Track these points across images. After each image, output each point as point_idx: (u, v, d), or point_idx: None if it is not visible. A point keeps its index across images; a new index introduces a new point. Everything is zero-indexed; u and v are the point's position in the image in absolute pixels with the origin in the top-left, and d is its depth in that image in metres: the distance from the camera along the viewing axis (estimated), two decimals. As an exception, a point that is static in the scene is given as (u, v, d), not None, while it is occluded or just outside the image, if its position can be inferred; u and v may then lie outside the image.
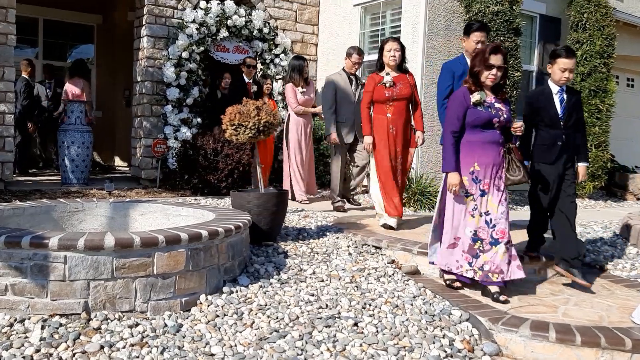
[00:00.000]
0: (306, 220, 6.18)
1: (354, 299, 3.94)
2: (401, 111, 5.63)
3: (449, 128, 4.15)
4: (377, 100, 5.63)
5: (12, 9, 7.74)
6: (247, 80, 8.30)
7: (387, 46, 5.63)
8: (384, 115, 5.61)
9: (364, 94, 5.76)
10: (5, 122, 7.77)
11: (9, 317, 3.25)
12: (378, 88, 5.61)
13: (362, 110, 5.73)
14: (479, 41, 5.06)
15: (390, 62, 5.60)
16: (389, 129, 5.56)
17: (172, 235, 3.58)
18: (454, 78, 5.13)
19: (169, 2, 8.80)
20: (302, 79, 7.58)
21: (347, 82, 6.95)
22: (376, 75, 5.69)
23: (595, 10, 9.73)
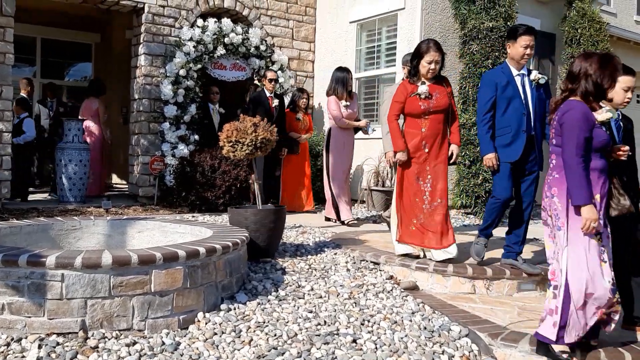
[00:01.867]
0: (304, 236, 6.17)
1: (352, 315, 3.93)
2: (437, 126, 4.93)
3: (578, 151, 3.22)
4: (410, 114, 4.97)
5: (10, 28, 7.78)
6: (268, 94, 8.03)
7: (428, 57, 4.86)
8: (417, 129, 4.94)
9: (393, 104, 5.03)
10: (3, 140, 7.77)
11: (6, 336, 3.23)
12: (411, 99, 4.93)
13: (391, 122, 5.00)
14: (528, 45, 4.60)
15: (429, 75, 4.92)
16: (421, 146, 4.92)
17: (169, 252, 3.57)
18: (497, 89, 4.67)
19: (166, 21, 8.86)
20: (345, 92, 7.21)
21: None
22: (408, 84, 5.00)
23: (589, 25, 9.83)
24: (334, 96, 7.20)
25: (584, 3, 10.03)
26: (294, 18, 10.19)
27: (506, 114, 4.66)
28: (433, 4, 8.54)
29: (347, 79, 7.18)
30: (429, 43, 4.89)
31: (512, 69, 4.72)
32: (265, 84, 8.12)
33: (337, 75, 7.26)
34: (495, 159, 4.65)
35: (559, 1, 10.10)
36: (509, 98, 4.65)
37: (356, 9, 9.59)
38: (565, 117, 3.32)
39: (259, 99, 8.01)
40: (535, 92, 4.70)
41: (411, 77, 5.00)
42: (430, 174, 4.93)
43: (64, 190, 8.28)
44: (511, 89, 4.65)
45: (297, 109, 8.28)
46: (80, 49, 12.39)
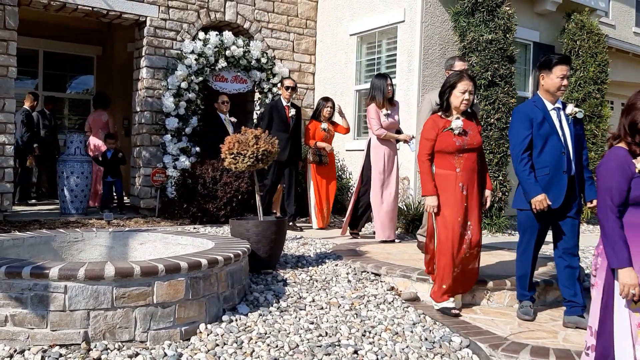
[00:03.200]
0: (305, 247, 6.19)
1: (353, 326, 3.94)
2: (473, 164, 4.43)
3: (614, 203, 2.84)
4: (443, 151, 4.38)
5: (13, 41, 7.85)
6: (285, 103, 7.80)
7: (461, 85, 4.36)
8: (451, 170, 4.38)
9: (423, 142, 4.47)
10: (5, 153, 7.82)
11: (9, 348, 3.24)
12: (444, 135, 4.37)
13: (422, 162, 4.44)
14: (565, 76, 4.16)
15: (462, 107, 4.40)
16: (458, 189, 4.35)
17: (171, 264, 3.59)
18: (532, 126, 4.17)
19: (168, 34, 8.93)
20: (385, 100, 6.69)
21: None
22: (439, 119, 4.45)
23: (587, 37, 9.90)
24: (373, 104, 6.70)
25: (583, 15, 10.11)
26: (295, 31, 10.26)
27: (543, 154, 4.16)
28: (432, 16, 8.62)
29: (385, 86, 6.67)
30: (462, 73, 4.47)
31: (547, 103, 4.24)
32: (282, 91, 7.89)
33: (374, 82, 6.80)
34: (547, 200, 4.06)
35: (558, 13, 10.18)
36: (546, 135, 4.16)
37: (356, 21, 9.67)
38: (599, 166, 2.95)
39: (275, 107, 7.75)
40: (572, 128, 4.24)
41: (442, 111, 4.49)
42: (470, 219, 4.40)
43: (65, 202, 8.31)
44: (548, 125, 4.16)
45: (322, 118, 7.95)
46: (82, 61, 12.47)
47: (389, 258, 5.58)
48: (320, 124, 7.91)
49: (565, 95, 10.06)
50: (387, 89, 6.67)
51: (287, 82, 7.86)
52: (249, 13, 9.72)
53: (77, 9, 8.40)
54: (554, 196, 4.13)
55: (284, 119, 7.66)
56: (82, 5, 8.31)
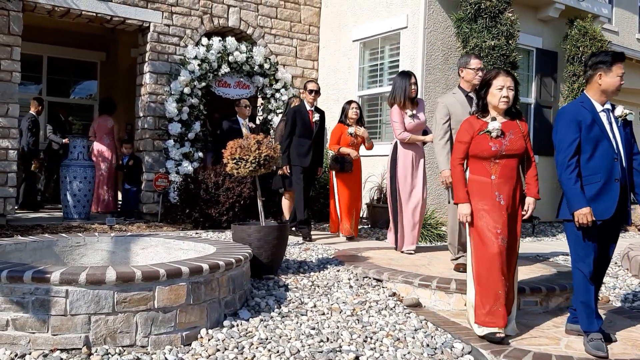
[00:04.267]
0: (307, 253, 6.18)
1: (355, 332, 3.93)
2: (511, 172, 3.95)
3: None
4: (476, 156, 3.96)
5: (17, 47, 7.90)
6: (308, 107, 7.33)
7: (498, 81, 3.95)
8: (486, 176, 3.95)
9: (457, 145, 4.08)
10: (9, 157, 7.84)
11: (10, 352, 3.24)
12: (480, 138, 3.94)
13: (454, 167, 4.05)
14: (623, 74, 3.87)
15: (501, 104, 3.95)
16: (494, 197, 3.92)
17: (173, 268, 3.59)
18: (581, 129, 3.78)
19: (171, 39, 8.96)
20: (407, 100, 6.17)
21: (465, 104, 5.30)
22: (475, 120, 4.03)
23: (590, 43, 9.90)
24: (396, 106, 6.20)
25: (586, 21, 10.12)
26: (298, 37, 10.29)
27: (593, 160, 3.78)
28: (435, 22, 8.63)
29: (408, 85, 6.13)
30: (498, 69, 4.10)
31: (595, 104, 3.87)
32: (305, 95, 7.42)
33: (396, 80, 6.27)
34: (591, 215, 3.69)
35: (561, 19, 10.18)
36: (596, 140, 3.78)
37: (359, 27, 9.69)
38: None
39: (298, 112, 7.31)
40: (622, 131, 3.88)
41: (479, 111, 4.06)
42: (509, 229, 3.93)
43: (68, 207, 8.33)
44: (598, 128, 3.79)
45: (349, 121, 7.40)
46: (86, 67, 12.53)
47: (391, 264, 5.56)
48: (347, 128, 7.37)
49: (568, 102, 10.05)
50: (411, 88, 6.13)
51: (310, 86, 7.39)
52: (252, 19, 9.75)
53: (81, 15, 8.44)
54: (605, 207, 3.74)
55: (307, 124, 7.26)
56: (86, 11, 8.34)
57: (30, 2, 7.96)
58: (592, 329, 3.80)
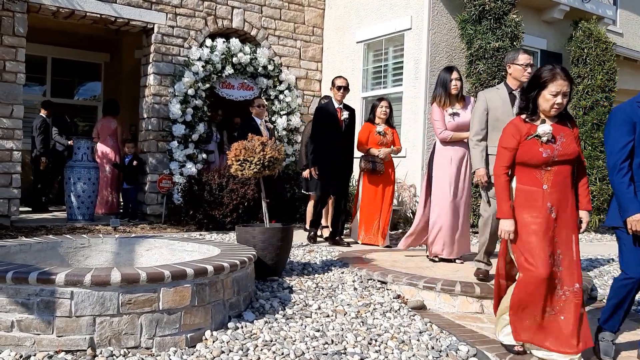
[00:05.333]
0: (311, 255, 6.18)
1: (359, 334, 3.92)
2: (564, 180, 3.53)
3: None
4: (525, 163, 3.53)
5: (22, 48, 7.92)
6: (337, 105, 7.01)
7: (554, 86, 3.46)
8: (537, 186, 3.52)
9: (502, 151, 3.62)
10: (13, 159, 7.86)
11: (15, 353, 3.24)
12: (528, 144, 3.52)
13: (498, 177, 3.61)
14: None
15: (553, 112, 3.52)
16: (545, 210, 3.48)
17: (178, 270, 3.58)
18: (635, 131, 3.50)
19: (175, 41, 8.97)
20: (448, 96, 5.73)
21: (506, 101, 4.91)
22: (521, 123, 3.60)
23: (595, 45, 9.89)
24: (435, 103, 5.83)
25: (590, 23, 10.10)
26: (302, 38, 10.29)
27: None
28: (439, 24, 8.62)
29: (448, 80, 5.72)
30: (555, 69, 3.51)
31: None
32: (334, 92, 7.03)
33: (440, 76, 5.89)
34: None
35: (565, 21, 10.17)
36: None
37: (363, 29, 9.69)
38: None
39: (325, 110, 6.97)
40: None
41: (527, 113, 3.60)
42: (560, 248, 3.50)
43: (72, 209, 8.34)
44: None
45: (378, 120, 7.08)
46: (90, 68, 12.55)
47: (396, 266, 5.55)
48: (375, 127, 7.06)
49: (573, 103, 10.03)
50: (452, 84, 5.72)
51: (338, 82, 6.99)
52: (256, 20, 9.76)
53: (86, 16, 8.46)
54: None
55: (336, 123, 6.90)
56: (90, 12, 8.36)
57: (34, 3, 7.97)
58: (606, 327, 3.68)
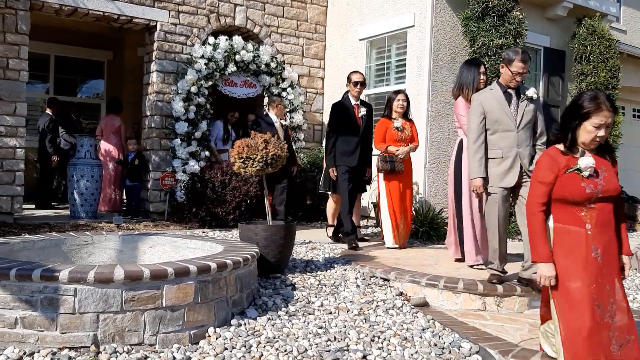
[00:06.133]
0: (314, 252, 6.18)
1: (362, 331, 3.92)
2: (609, 219, 3.17)
3: None
4: (566, 200, 3.13)
5: (25, 45, 7.92)
6: (353, 101, 6.78)
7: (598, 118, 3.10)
8: (579, 226, 3.12)
9: (537, 185, 3.21)
10: (16, 156, 7.87)
11: (19, 350, 3.25)
12: (567, 178, 3.13)
13: (533, 215, 3.19)
14: None
15: (592, 145, 3.17)
16: (589, 253, 3.09)
17: (181, 267, 3.59)
18: None
19: (178, 38, 8.97)
20: (474, 91, 5.44)
21: (502, 101, 4.70)
22: (559, 154, 3.19)
23: (598, 42, 9.86)
24: (461, 98, 5.60)
25: (594, 20, 10.07)
26: (304, 35, 10.28)
27: None
28: (442, 21, 8.61)
29: (476, 75, 5.53)
30: (599, 97, 3.12)
31: None
32: (350, 88, 6.74)
33: (463, 70, 5.67)
34: None
35: (568, 18, 10.14)
36: None
37: (366, 26, 9.67)
38: None
39: (342, 106, 6.72)
40: None
41: (567, 145, 3.19)
42: (612, 297, 3.10)
43: (75, 206, 8.35)
44: None
45: (394, 115, 6.69)
46: (93, 66, 12.56)
47: (398, 263, 5.56)
48: (392, 123, 6.66)
49: (576, 101, 10.00)
50: (479, 79, 5.55)
51: (355, 77, 6.73)
52: (259, 18, 9.75)
53: (89, 14, 8.46)
54: None
55: (353, 120, 6.67)
56: (93, 10, 8.36)
57: (37, 1, 7.98)
58: None
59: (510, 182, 4.65)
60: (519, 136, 4.64)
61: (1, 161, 7.77)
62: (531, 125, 4.75)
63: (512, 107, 4.68)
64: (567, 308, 3.09)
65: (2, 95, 7.73)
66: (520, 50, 4.66)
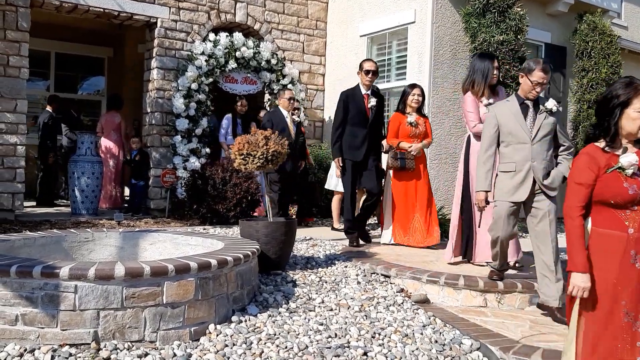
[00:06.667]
0: (314, 249, 6.18)
1: (363, 328, 3.92)
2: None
3: None
4: (607, 202, 2.82)
5: (26, 43, 7.92)
6: (364, 91, 6.41)
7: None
8: (621, 230, 2.81)
9: (576, 187, 2.87)
10: (17, 153, 7.87)
11: (19, 347, 3.25)
12: (608, 178, 2.84)
13: (571, 219, 2.85)
14: None
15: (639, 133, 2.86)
16: (628, 259, 2.80)
17: (181, 264, 3.59)
18: None
19: (178, 35, 8.96)
20: (486, 86, 5.32)
21: (518, 115, 4.41)
22: (599, 152, 2.90)
23: (600, 38, 9.84)
24: (469, 93, 5.38)
25: (595, 16, 10.05)
26: (305, 32, 10.27)
27: None
28: (443, 17, 8.59)
29: (490, 69, 5.31)
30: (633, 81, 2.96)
31: None
32: (361, 77, 6.40)
33: (476, 64, 5.42)
34: None
35: (570, 14, 10.11)
36: None
37: (366, 22, 9.66)
38: None
39: (351, 96, 6.38)
40: None
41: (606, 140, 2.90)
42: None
43: (76, 203, 8.35)
44: None
45: (408, 109, 6.41)
46: (94, 63, 12.55)
47: (399, 260, 5.55)
48: (405, 117, 6.37)
49: (577, 97, 9.99)
50: (492, 74, 5.33)
51: (367, 65, 6.38)
52: (259, 14, 9.74)
53: (89, 11, 8.45)
54: None
55: (362, 111, 6.32)
56: (93, 7, 8.35)
57: (38, -2, 7.97)
58: None
59: (521, 196, 4.36)
60: (534, 149, 4.36)
61: (2, 158, 7.77)
62: (549, 138, 4.43)
63: (529, 119, 4.43)
64: (595, 321, 2.79)
65: (2, 92, 7.73)
66: (541, 60, 4.49)
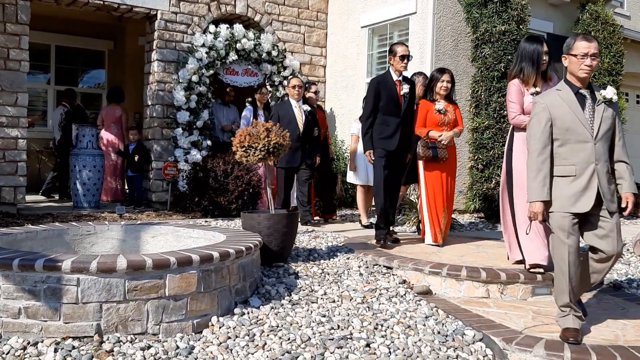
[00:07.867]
0: (317, 241, 6.17)
1: (365, 319, 3.92)
2: None
3: None
4: None
5: (26, 35, 7.89)
6: (395, 77, 5.91)
7: None
8: None
9: None
10: (18, 147, 7.86)
11: (22, 340, 3.26)
12: None
13: None
14: None
15: None
16: None
17: (183, 256, 3.59)
18: None
19: (179, 27, 8.93)
20: (537, 74, 4.78)
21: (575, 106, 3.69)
22: None
23: (602, 28, 9.79)
24: (517, 80, 4.83)
25: (597, 6, 10.00)
26: (306, 23, 10.22)
27: None
28: (445, 7, 8.54)
29: (540, 54, 4.75)
30: None
31: None
32: (394, 62, 5.90)
33: (524, 47, 4.84)
34: None
35: (572, 4, 10.06)
36: None
37: (367, 13, 9.61)
38: None
39: (382, 83, 5.90)
40: None
41: None
42: None
43: (78, 196, 8.36)
44: None
45: (437, 96, 6.02)
46: (94, 55, 12.52)
47: (401, 251, 5.55)
48: (433, 105, 5.98)
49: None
50: (542, 59, 4.76)
51: (401, 50, 5.86)
52: (260, 5, 9.69)
53: (89, 3, 8.41)
54: None
55: (395, 98, 5.84)
56: (93, -1, 8.32)
57: (37, -10, 7.95)
58: None
59: (584, 207, 3.63)
60: (597, 149, 3.65)
61: (3, 152, 7.77)
62: (610, 135, 3.74)
63: (587, 111, 3.68)
64: None
65: (3, 85, 7.72)
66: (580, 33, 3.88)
